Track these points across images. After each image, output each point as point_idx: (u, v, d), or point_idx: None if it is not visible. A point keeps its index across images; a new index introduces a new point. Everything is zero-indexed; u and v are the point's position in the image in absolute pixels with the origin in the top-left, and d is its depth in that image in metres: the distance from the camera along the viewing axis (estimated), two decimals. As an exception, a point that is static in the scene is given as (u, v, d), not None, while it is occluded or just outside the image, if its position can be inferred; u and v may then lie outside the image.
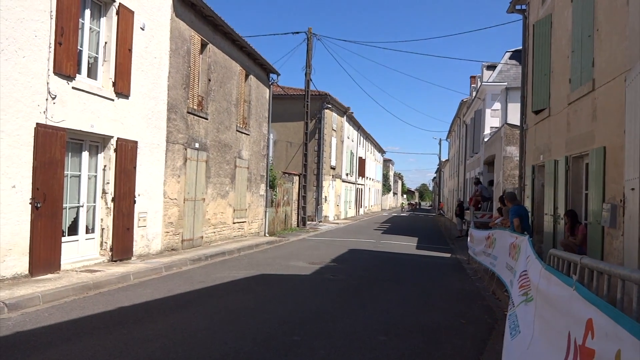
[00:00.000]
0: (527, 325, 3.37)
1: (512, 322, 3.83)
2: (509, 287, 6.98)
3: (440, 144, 61.90)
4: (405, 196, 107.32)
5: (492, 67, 24.22)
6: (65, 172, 8.64)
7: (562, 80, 9.50)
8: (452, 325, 6.54)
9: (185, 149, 12.70)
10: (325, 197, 30.45)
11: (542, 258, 4.17)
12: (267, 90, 19.49)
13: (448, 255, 15.73)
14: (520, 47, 14.47)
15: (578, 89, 8.38)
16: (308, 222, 25.24)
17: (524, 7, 13.05)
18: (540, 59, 11.17)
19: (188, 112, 12.83)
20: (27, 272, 7.77)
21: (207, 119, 13.94)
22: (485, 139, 21.83)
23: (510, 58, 23.05)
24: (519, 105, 14.44)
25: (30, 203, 7.79)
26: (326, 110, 29.79)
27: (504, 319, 6.87)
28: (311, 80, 24.28)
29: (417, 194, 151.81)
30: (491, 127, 22.00)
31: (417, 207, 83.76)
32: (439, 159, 63.81)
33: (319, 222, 27.96)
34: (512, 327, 3.76)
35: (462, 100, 32.89)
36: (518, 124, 14.56)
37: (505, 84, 21.87)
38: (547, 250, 8.80)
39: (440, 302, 8.11)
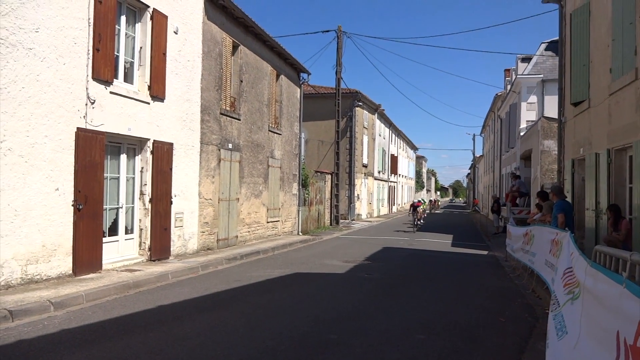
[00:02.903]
0: (574, 325, 3.26)
1: (558, 322, 3.70)
2: (550, 284, 6.79)
3: (474, 139, 60.73)
4: (438, 192, 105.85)
5: (527, 60, 23.57)
6: (104, 175, 8.90)
7: (602, 70, 9.17)
8: (491, 324, 6.41)
9: (219, 150, 12.88)
10: (358, 195, 30.36)
11: (585, 255, 4.03)
12: (298, 90, 19.56)
13: (485, 252, 15.42)
14: (557, 38, 14.04)
15: (620, 78, 8.07)
16: (341, 221, 25.20)
17: (560, -4, 12.66)
18: (578, 49, 10.81)
19: (221, 114, 13.01)
20: (70, 271, 8.04)
21: (239, 119, 14.10)
22: (522, 133, 21.30)
23: (545, 49, 22.39)
24: (556, 97, 14.02)
25: (72, 205, 8.05)
26: (357, 108, 29.68)
27: (545, 317, 6.68)
28: (342, 78, 24.23)
29: (450, 190, 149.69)
30: (527, 121, 21.44)
31: (435, 205, 56.36)
32: (473, 154, 62.66)
33: (352, 220, 27.89)
34: (559, 327, 3.63)
35: (497, 94, 32.20)
36: (555, 116, 14.15)
37: (541, 76, 21.27)
38: (589, 246, 8.53)
39: (478, 300, 7.96)
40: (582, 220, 10.40)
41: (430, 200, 56.12)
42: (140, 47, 9.97)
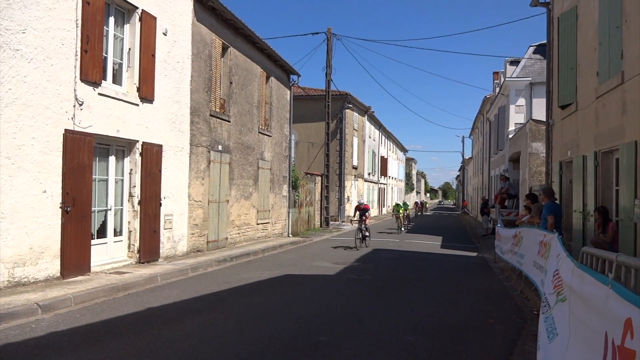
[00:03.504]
0: (564, 327, 3.29)
1: (549, 324, 3.73)
2: (539, 286, 6.85)
3: (463, 141, 61.21)
4: (428, 194, 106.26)
5: (515, 62, 23.80)
6: (93, 177, 8.82)
7: (590, 73, 9.28)
8: (480, 325, 6.45)
9: (209, 152, 12.83)
10: (348, 197, 30.39)
11: (573, 256, 4.08)
12: (288, 92, 19.56)
13: (474, 254, 15.52)
14: (545, 41, 14.18)
15: (606, 82, 8.17)
16: (331, 222, 25.21)
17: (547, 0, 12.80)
18: (565, 52, 10.93)
19: (211, 115, 12.96)
20: (58, 274, 7.96)
21: (229, 121, 14.06)
22: (510, 136, 21.48)
23: (534, 52, 22.62)
24: (544, 100, 14.17)
25: (60, 207, 7.97)
26: (347, 110, 29.73)
27: (534, 318, 6.75)
28: (332, 80, 24.27)
29: (440, 192, 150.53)
30: (516, 124, 21.63)
31: (422, 208, 51.19)
32: (462, 156, 63.10)
33: (342, 222, 27.91)
34: (550, 329, 3.66)
35: (485, 97, 32.45)
36: (543, 119, 14.29)
37: (530, 79, 21.48)
38: (577, 248, 8.61)
39: (467, 302, 8.01)
40: (570, 222, 10.51)
41: (417, 203, 51.46)
42: (129, 49, 9.91)
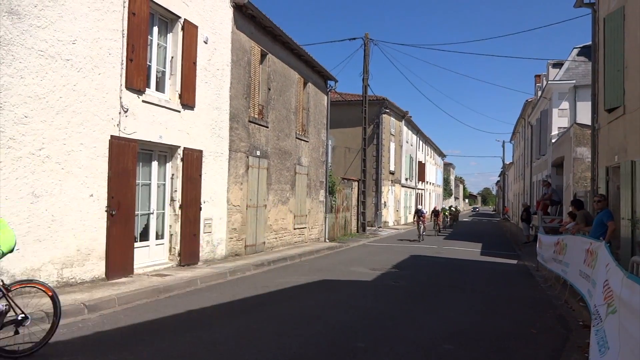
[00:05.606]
0: (614, 340, 3.15)
1: (600, 337, 3.58)
2: (585, 296, 6.60)
3: (503, 146, 59.64)
4: (467, 200, 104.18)
5: (558, 65, 23.09)
6: (136, 181, 9.11)
7: (638, 75, 8.92)
8: (522, 335, 6.27)
9: (247, 157, 13.03)
10: (385, 202, 30.18)
11: (622, 266, 3.91)
12: (325, 97, 19.64)
13: (515, 261, 15.11)
14: (589, 43, 13.71)
15: (657, 84, 7.84)
16: (368, 228, 25.08)
17: (592, 0, 12.39)
18: (612, 54, 10.54)
19: (249, 121, 13.17)
20: (103, 275, 8.25)
21: (267, 127, 14.24)
22: (553, 140, 20.84)
23: (578, 55, 21.91)
24: (588, 103, 13.70)
25: (106, 211, 8.27)
26: (384, 115, 29.59)
27: (579, 329, 6.52)
28: (369, 85, 24.22)
29: (479, 198, 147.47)
30: (559, 128, 20.97)
31: (452, 219, 36.30)
32: (503, 161, 61.57)
33: (379, 227, 27.73)
34: (601, 343, 3.51)
35: (527, 101, 31.62)
36: (588, 123, 13.82)
37: (574, 81, 20.80)
38: (625, 257, 8.26)
39: (508, 311, 7.80)
40: (617, 230, 10.09)
41: (419, 211, 23.46)
42: (172, 57, 10.20)
